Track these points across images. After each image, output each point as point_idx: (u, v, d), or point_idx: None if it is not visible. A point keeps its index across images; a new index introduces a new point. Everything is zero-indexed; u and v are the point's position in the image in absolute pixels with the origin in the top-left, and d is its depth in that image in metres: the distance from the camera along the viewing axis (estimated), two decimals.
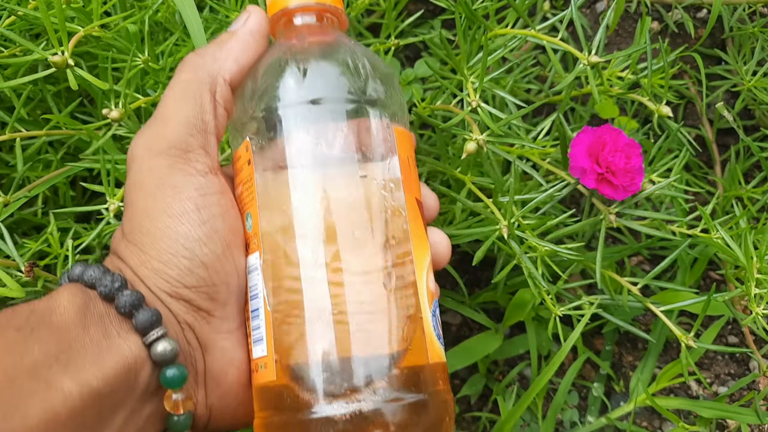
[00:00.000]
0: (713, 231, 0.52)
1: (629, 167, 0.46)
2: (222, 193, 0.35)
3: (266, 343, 0.32)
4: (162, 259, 0.33)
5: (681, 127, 0.75)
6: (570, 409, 0.57)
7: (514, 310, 0.52)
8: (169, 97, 0.36)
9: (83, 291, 0.32)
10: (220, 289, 0.34)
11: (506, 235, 0.43)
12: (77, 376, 0.29)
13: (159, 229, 0.33)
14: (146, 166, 0.34)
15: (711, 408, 0.54)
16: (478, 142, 0.48)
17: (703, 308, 0.48)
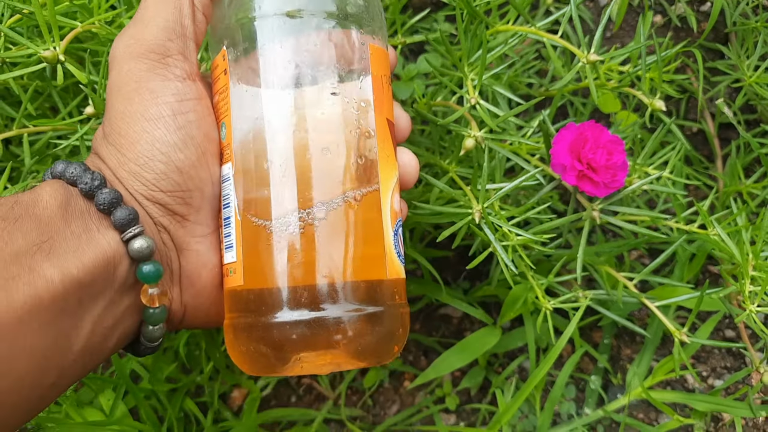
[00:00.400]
0: (710, 228, 0.53)
1: (610, 164, 0.46)
2: (199, 100, 0.35)
3: (236, 250, 0.34)
4: (139, 162, 0.34)
5: (683, 121, 0.76)
6: (567, 402, 0.58)
7: (509, 305, 0.53)
8: (145, 3, 0.36)
9: (65, 187, 0.33)
10: (194, 195, 0.35)
11: (478, 219, 0.44)
12: (59, 264, 0.30)
13: (136, 132, 0.34)
14: (125, 68, 0.35)
15: (705, 401, 0.55)
16: (476, 138, 0.49)
17: (696, 304, 0.49)
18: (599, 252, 0.57)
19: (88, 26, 0.47)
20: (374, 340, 0.34)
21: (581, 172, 0.45)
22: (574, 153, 0.46)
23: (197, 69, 0.36)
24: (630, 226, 0.50)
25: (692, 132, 0.77)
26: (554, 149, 0.47)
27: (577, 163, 0.45)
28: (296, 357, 0.33)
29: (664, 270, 0.65)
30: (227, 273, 0.35)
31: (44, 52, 0.43)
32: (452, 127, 0.50)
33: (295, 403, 0.59)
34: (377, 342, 0.34)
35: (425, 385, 0.60)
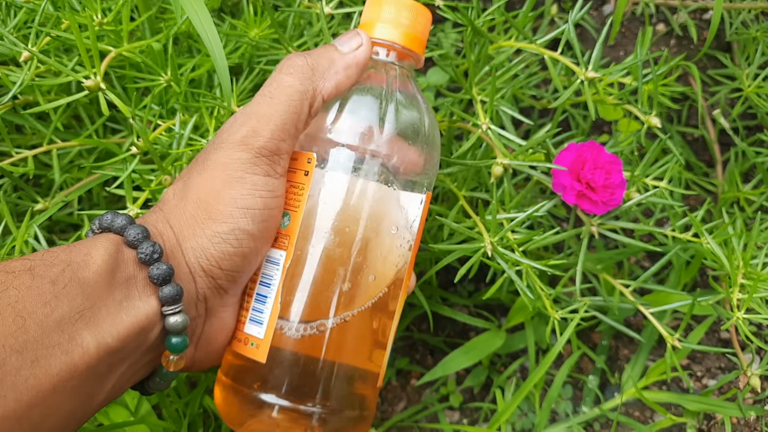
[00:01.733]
0: (702, 237, 0.55)
1: (609, 183, 0.48)
2: (283, 197, 0.38)
3: (265, 330, 0.38)
4: (213, 240, 0.36)
5: (684, 127, 0.78)
6: (565, 401, 0.61)
7: (515, 313, 0.56)
8: (269, 96, 0.38)
9: (117, 247, 0.35)
10: (243, 275, 0.38)
11: (490, 252, 0.46)
12: (97, 333, 0.32)
13: (223, 216, 0.36)
14: (236, 156, 0.37)
15: (697, 401, 0.57)
16: (504, 165, 0.51)
17: (689, 311, 0.52)
18: (600, 259, 0.60)
19: (121, 51, 0.50)
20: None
21: (580, 192, 0.48)
22: (573, 173, 0.49)
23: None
24: (627, 240, 0.52)
25: (693, 138, 0.79)
26: (555, 170, 0.50)
27: (576, 184, 0.48)
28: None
29: (662, 273, 0.68)
30: (246, 341, 0.38)
31: (87, 81, 0.46)
32: (478, 163, 0.51)
33: None
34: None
35: (431, 384, 0.63)
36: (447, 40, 0.74)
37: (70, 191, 0.60)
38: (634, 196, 0.53)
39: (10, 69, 0.54)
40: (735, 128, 0.75)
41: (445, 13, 0.58)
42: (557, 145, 0.59)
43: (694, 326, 0.63)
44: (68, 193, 0.60)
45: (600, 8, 0.81)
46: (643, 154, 0.62)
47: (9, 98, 0.51)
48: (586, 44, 0.79)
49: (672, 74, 0.68)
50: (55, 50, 0.56)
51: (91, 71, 0.47)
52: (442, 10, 0.54)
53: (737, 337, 0.59)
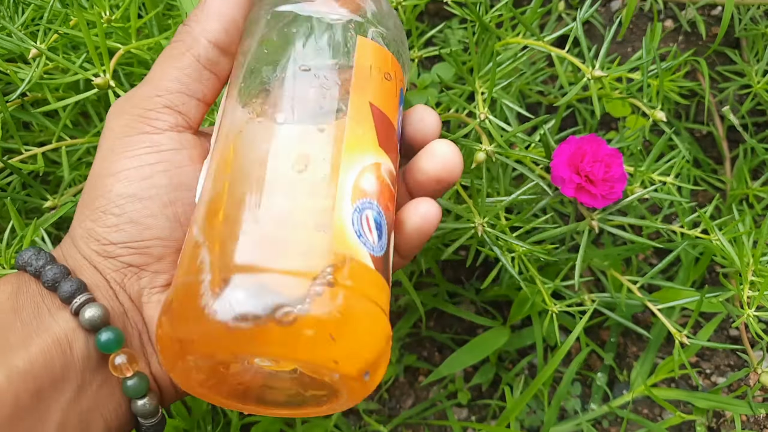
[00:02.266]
0: (712, 233, 0.55)
1: (608, 176, 0.48)
2: (179, 149, 0.34)
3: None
4: (93, 217, 0.32)
5: (692, 123, 0.78)
6: (573, 399, 0.61)
7: (518, 307, 0.56)
8: (153, 66, 0.35)
9: (18, 277, 0.32)
10: (151, 244, 0.33)
11: (480, 233, 0.47)
12: (4, 362, 0.28)
13: (97, 189, 0.33)
14: (107, 126, 0.34)
15: (706, 399, 0.57)
16: (487, 152, 0.51)
17: (697, 307, 0.51)
18: (607, 255, 0.60)
19: (130, 48, 0.50)
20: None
21: (579, 184, 0.48)
22: (572, 166, 0.48)
23: (195, 123, 0.35)
24: (630, 236, 0.52)
25: (702, 134, 0.78)
26: (554, 162, 0.49)
27: (575, 176, 0.48)
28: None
29: (671, 270, 0.67)
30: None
31: (96, 79, 0.46)
32: (463, 142, 0.52)
33: None
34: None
35: (438, 381, 0.63)
36: (454, 37, 0.74)
37: (80, 188, 0.60)
38: (639, 191, 0.53)
39: (18, 66, 0.55)
40: (744, 125, 0.75)
41: (452, 9, 0.58)
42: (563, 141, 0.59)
43: (704, 324, 0.63)
44: (77, 191, 0.61)
45: (608, 4, 0.81)
46: (651, 150, 0.62)
47: (18, 95, 0.51)
48: (593, 40, 0.79)
49: (680, 70, 0.68)
50: (63, 47, 0.56)
51: (101, 69, 0.47)
52: (450, 6, 0.54)
53: (747, 334, 0.59)
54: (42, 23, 0.50)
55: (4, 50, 0.53)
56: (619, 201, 0.51)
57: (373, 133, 0.35)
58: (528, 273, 0.58)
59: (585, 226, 0.52)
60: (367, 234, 0.32)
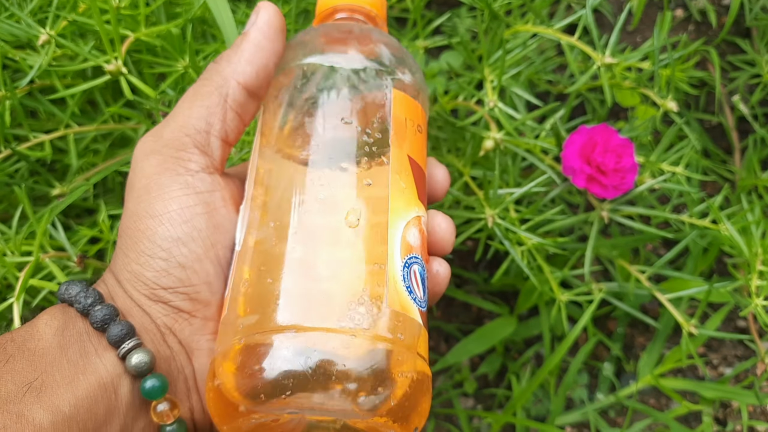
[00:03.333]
0: (721, 223, 0.55)
1: (620, 167, 0.47)
2: (212, 192, 0.34)
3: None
4: (139, 261, 0.32)
5: (702, 114, 0.77)
6: (580, 388, 0.61)
7: (526, 296, 0.56)
8: (179, 102, 0.35)
9: (64, 311, 0.31)
10: (200, 289, 0.33)
11: (490, 223, 0.46)
12: (50, 404, 0.28)
13: (140, 231, 0.32)
14: (139, 166, 0.34)
15: (713, 389, 0.57)
16: (495, 140, 0.51)
17: (705, 297, 0.51)
18: (615, 245, 0.60)
19: (140, 35, 0.50)
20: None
21: (590, 175, 0.47)
22: (583, 157, 0.48)
23: (219, 164, 0.35)
24: (639, 225, 0.52)
25: (711, 125, 0.78)
26: (565, 152, 0.49)
27: (586, 167, 0.47)
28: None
29: (679, 261, 0.67)
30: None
31: (108, 65, 0.46)
32: (471, 130, 0.52)
33: None
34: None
35: (445, 370, 0.63)
36: (462, 25, 0.74)
37: (89, 175, 0.60)
38: (649, 181, 0.53)
39: (27, 53, 0.55)
40: (754, 115, 0.74)
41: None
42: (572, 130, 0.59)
43: (712, 314, 0.63)
44: (88, 177, 0.61)
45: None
46: (660, 140, 0.61)
47: (26, 82, 0.51)
48: (602, 29, 0.79)
49: (690, 59, 0.67)
50: (71, 35, 0.56)
51: (112, 55, 0.47)
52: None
53: (755, 325, 0.58)
54: (51, 10, 0.50)
55: (13, 37, 0.53)
56: (629, 191, 0.51)
57: (413, 185, 0.35)
58: (536, 262, 0.58)
59: (595, 216, 0.51)
60: (416, 289, 0.32)
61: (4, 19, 0.52)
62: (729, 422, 0.59)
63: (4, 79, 0.52)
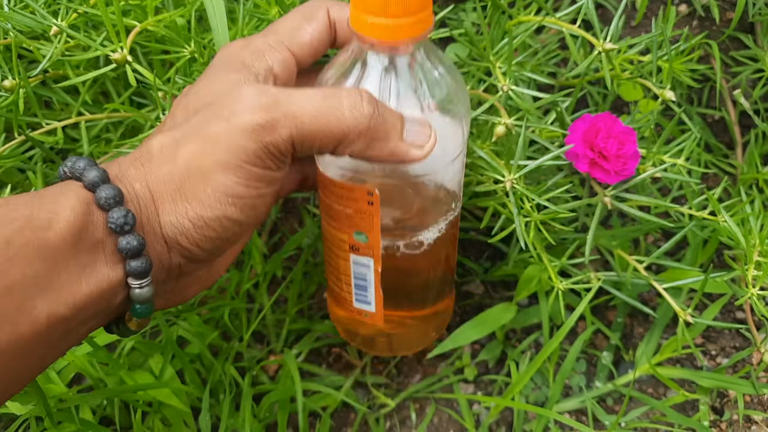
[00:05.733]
0: (719, 215, 0.55)
1: (621, 153, 0.49)
2: (278, 182, 0.36)
3: (375, 307, 0.49)
4: (196, 223, 0.33)
5: (704, 108, 0.78)
6: (578, 375, 0.62)
7: (524, 284, 0.57)
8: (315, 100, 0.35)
9: (88, 209, 0.31)
10: (224, 251, 0.36)
11: (509, 187, 0.47)
12: (50, 301, 0.29)
13: (210, 199, 0.33)
14: (241, 142, 0.33)
15: (710, 378, 0.58)
16: (507, 125, 0.52)
17: (701, 286, 0.52)
18: (614, 236, 0.60)
19: (146, 25, 0.52)
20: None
21: (593, 160, 0.49)
22: (587, 142, 0.49)
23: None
24: (640, 213, 0.53)
25: (714, 119, 0.79)
26: (569, 138, 0.50)
27: (589, 152, 0.49)
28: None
29: (679, 253, 0.68)
30: (360, 314, 0.51)
31: (114, 54, 0.47)
32: (483, 117, 0.53)
33: (325, 370, 0.64)
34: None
35: (446, 357, 0.64)
36: (468, 19, 0.75)
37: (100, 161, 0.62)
38: (650, 169, 0.54)
39: (41, 43, 0.56)
40: (756, 110, 0.75)
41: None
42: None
43: (709, 305, 0.64)
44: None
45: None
46: (660, 133, 0.62)
47: (39, 71, 0.53)
48: (606, 24, 0.79)
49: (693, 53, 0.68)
50: (83, 26, 0.57)
51: (118, 45, 0.49)
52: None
53: (752, 317, 0.59)
54: (63, 2, 0.51)
55: (28, 28, 0.54)
56: (631, 178, 0.52)
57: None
58: (536, 251, 0.59)
59: (597, 201, 0.52)
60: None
61: (18, 10, 0.53)
62: (726, 411, 0.60)
63: (18, 68, 0.54)
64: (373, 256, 0.45)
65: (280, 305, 0.67)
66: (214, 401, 0.58)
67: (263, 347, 0.65)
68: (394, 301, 0.50)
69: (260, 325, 0.66)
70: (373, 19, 0.36)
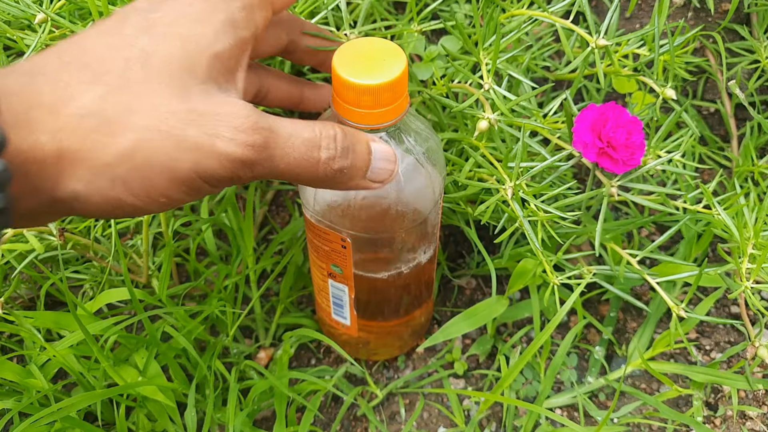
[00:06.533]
0: (713, 208, 0.55)
1: (629, 143, 0.49)
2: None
3: (350, 322, 0.56)
4: (108, 202, 0.30)
5: (700, 101, 0.77)
6: (569, 370, 0.61)
7: (517, 278, 0.56)
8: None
9: None
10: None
11: (510, 195, 0.47)
12: None
13: (142, 192, 0.31)
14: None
15: (704, 373, 0.57)
16: (490, 120, 0.51)
17: (695, 280, 0.51)
18: (608, 229, 0.60)
19: None
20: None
21: (601, 149, 0.48)
22: (595, 131, 0.49)
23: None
24: (647, 202, 0.52)
25: (709, 112, 0.78)
26: (576, 128, 0.50)
27: (597, 141, 0.48)
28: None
29: (673, 247, 0.67)
30: (338, 324, 0.57)
31: None
32: (466, 111, 0.52)
33: (315, 365, 0.63)
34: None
35: (436, 351, 0.64)
36: (461, 11, 0.74)
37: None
38: (651, 162, 0.53)
39: (25, 33, 0.55)
40: (752, 102, 0.74)
41: None
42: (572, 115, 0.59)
43: (703, 299, 0.63)
44: None
45: None
46: (658, 127, 0.61)
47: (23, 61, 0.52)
48: (601, 17, 0.78)
49: (689, 46, 0.67)
50: (69, 15, 0.57)
51: None
52: None
53: (747, 311, 0.58)
54: None
55: (12, 17, 0.53)
56: (636, 169, 0.51)
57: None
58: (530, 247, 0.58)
59: (606, 192, 0.52)
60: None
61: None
62: (720, 407, 0.59)
63: (2, 60, 0.53)
64: (348, 285, 0.51)
65: (270, 299, 0.67)
66: (201, 397, 0.57)
67: (252, 342, 0.64)
68: (370, 313, 0.55)
69: (249, 319, 0.65)
70: (349, 108, 0.39)
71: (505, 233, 0.53)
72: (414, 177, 0.46)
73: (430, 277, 0.58)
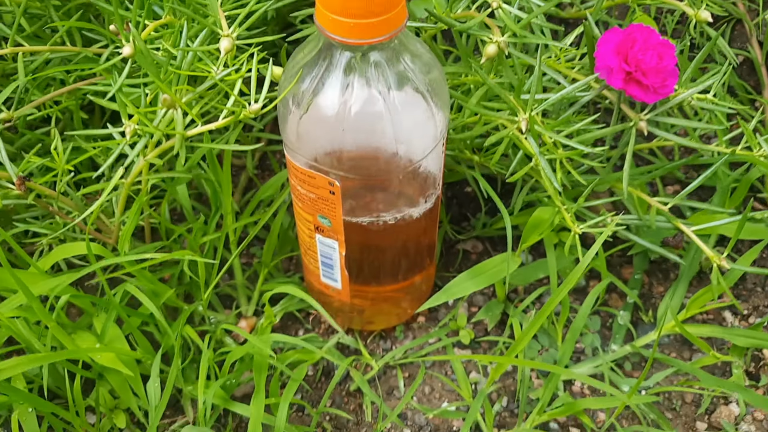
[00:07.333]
0: (756, 147, 0.48)
1: (661, 67, 0.42)
2: None
3: (341, 284, 0.50)
4: None
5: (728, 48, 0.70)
6: (591, 334, 0.54)
7: (531, 230, 0.49)
8: None
9: None
10: None
11: (524, 128, 0.40)
12: None
13: None
14: None
15: (746, 336, 0.50)
16: (499, 44, 0.45)
17: (737, 229, 0.44)
18: (634, 176, 0.53)
19: None
20: None
21: (629, 74, 0.42)
22: (621, 54, 0.42)
23: None
24: (679, 139, 0.45)
25: (739, 61, 0.71)
26: (599, 51, 0.43)
27: (624, 65, 0.42)
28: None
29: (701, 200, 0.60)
30: (328, 287, 0.51)
31: None
32: (471, 32, 0.46)
33: (303, 335, 0.56)
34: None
35: (438, 319, 0.57)
36: None
37: (41, 101, 0.54)
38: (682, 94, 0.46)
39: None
40: None
41: None
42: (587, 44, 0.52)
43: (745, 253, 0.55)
44: (37, 104, 0.55)
45: None
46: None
47: None
48: None
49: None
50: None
51: None
52: None
53: None
54: None
55: None
56: (668, 99, 0.44)
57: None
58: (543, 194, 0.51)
59: (634, 126, 0.45)
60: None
61: None
62: (763, 376, 0.52)
63: None
64: (337, 240, 0.46)
65: (252, 266, 0.60)
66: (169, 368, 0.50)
67: (231, 312, 0.57)
68: (363, 277, 0.49)
69: (229, 287, 0.58)
70: (337, 18, 0.34)
71: (517, 174, 0.46)
72: (413, 108, 0.39)
73: (431, 238, 0.51)
